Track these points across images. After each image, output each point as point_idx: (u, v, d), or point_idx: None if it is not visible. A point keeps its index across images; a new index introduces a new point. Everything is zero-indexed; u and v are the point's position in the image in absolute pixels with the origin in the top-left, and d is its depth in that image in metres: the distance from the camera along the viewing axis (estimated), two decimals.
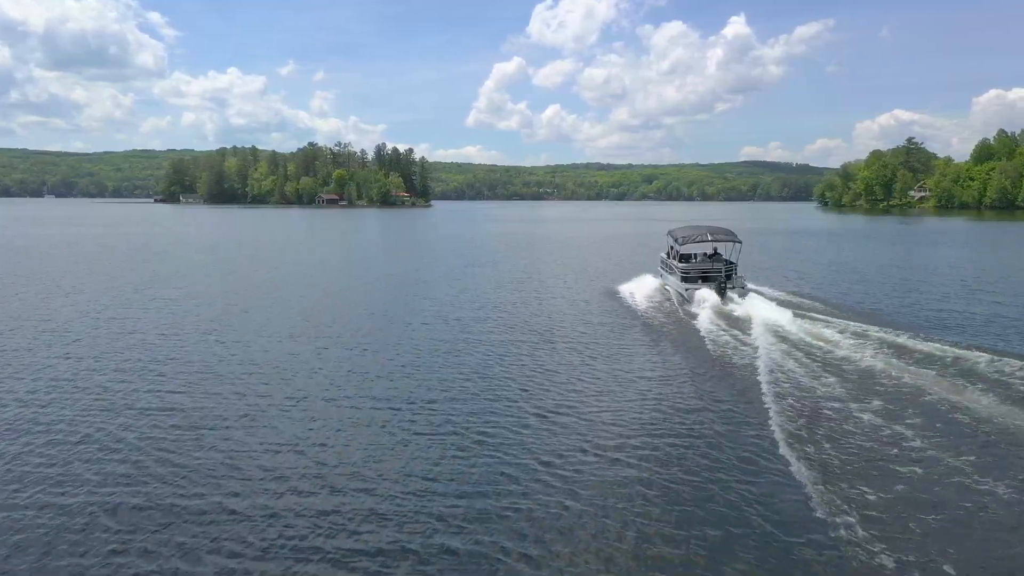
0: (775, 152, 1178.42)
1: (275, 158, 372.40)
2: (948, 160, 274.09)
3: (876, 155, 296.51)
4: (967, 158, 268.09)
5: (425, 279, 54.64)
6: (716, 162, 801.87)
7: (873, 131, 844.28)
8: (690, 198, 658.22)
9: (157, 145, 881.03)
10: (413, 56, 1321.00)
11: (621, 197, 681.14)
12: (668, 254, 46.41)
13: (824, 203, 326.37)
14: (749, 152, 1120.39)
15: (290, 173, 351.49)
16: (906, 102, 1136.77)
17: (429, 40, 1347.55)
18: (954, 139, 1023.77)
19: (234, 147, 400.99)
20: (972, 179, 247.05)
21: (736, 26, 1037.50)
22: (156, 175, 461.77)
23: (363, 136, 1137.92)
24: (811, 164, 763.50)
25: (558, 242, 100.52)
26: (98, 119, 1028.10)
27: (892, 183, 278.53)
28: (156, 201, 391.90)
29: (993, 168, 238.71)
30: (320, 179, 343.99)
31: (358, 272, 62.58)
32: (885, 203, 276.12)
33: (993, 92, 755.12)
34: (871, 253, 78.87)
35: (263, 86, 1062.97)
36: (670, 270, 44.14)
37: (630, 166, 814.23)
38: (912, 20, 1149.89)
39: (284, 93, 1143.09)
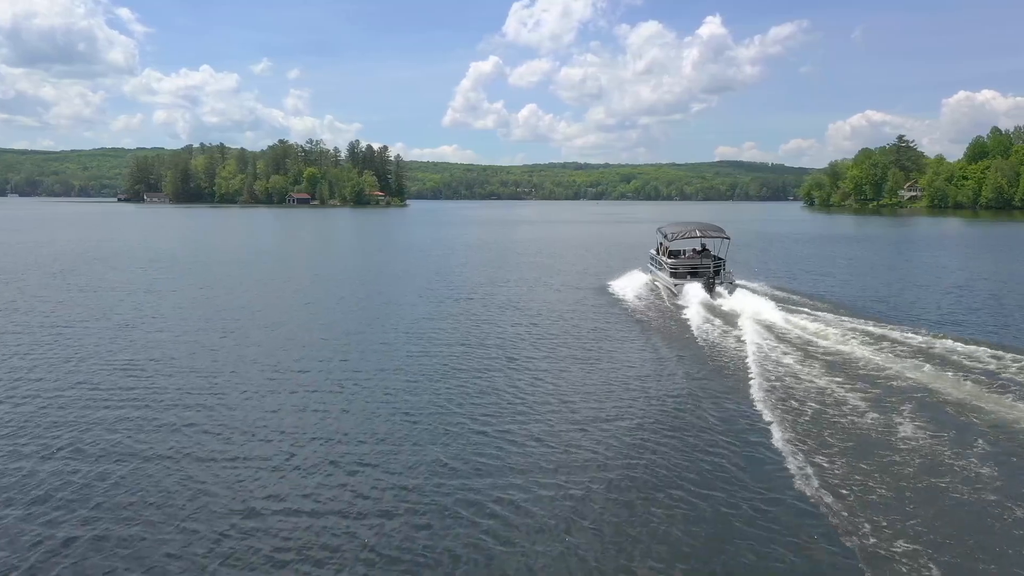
0: (749, 152, 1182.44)
1: (244, 156, 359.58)
2: (940, 159, 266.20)
3: (865, 153, 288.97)
4: (945, 158, 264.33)
5: (411, 273, 56.09)
6: (691, 162, 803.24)
7: (845, 132, 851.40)
8: (668, 198, 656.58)
9: (127, 143, 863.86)
10: (389, 55, 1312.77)
11: (599, 197, 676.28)
12: (657, 250, 46.95)
13: (811, 202, 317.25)
14: (724, 152, 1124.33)
15: (259, 171, 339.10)
16: (878, 103, 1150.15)
17: (405, 39, 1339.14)
18: (925, 139, 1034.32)
19: (201, 144, 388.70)
20: (966, 178, 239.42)
21: (712, 26, 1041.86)
22: (124, 174, 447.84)
23: (338, 135, 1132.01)
24: (785, 164, 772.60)
25: (558, 243, 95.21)
26: (67, 117, 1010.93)
27: (883, 182, 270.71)
28: (120, 200, 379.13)
29: (988, 167, 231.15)
30: (291, 177, 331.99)
31: (332, 267, 61.69)
32: (875, 203, 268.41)
33: (962, 94, 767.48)
34: (866, 253, 77.73)
35: (236, 84, 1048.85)
36: (659, 266, 44.63)
37: (607, 165, 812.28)
38: (884, 22, 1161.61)
39: (258, 91, 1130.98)
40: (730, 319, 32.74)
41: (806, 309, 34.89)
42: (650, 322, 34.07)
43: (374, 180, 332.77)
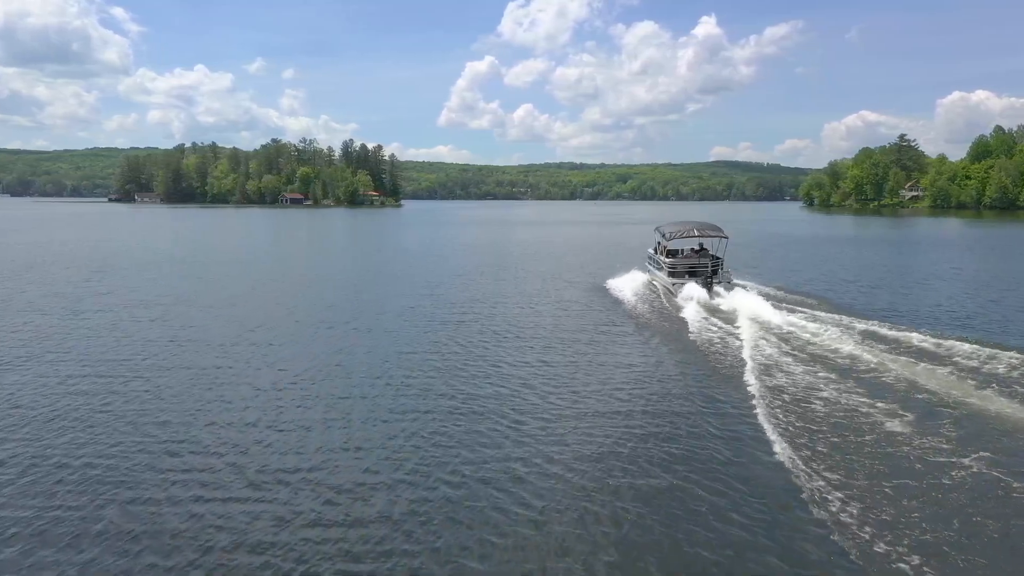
0: (745, 152, 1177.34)
1: (236, 155, 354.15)
2: (943, 158, 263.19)
3: (866, 153, 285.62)
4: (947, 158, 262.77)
5: (407, 273, 56.41)
6: (687, 162, 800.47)
7: (840, 132, 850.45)
8: (665, 197, 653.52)
9: (122, 143, 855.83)
10: (385, 55, 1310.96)
11: (595, 197, 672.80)
12: (656, 250, 46.80)
13: (810, 202, 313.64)
14: (719, 152, 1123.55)
15: (252, 171, 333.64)
16: (872, 103, 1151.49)
17: (401, 39, 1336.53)
18: (919, 140, 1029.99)
19: (193, 144, 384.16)
20: (969, 178, 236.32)
21: (707, 26, 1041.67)
22: (115, 173, 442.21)
23: (334, 135, 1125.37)
24: (781, 164, 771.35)
25: (556, 244, 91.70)
26: (61, 116, 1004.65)
27: (883, 182, 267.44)
28: (110, 200, 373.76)
29: (991, 166, 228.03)
30: (284, 177, 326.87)
31: (326, 265, 61.67)
32: (876, 203, 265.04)
33: (956, 94, 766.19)
34: (867, 253, 77.22)
35: (231, 84, 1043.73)
36: (658, 265, 44.65)
37: (603, 165, 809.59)
38: (879, 22, 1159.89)
39: (253, 91, 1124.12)
40: (728, 318, 32.84)
41: (804, 308, 35.15)
42: (648, 322, 34.14)
43: (368, 180, 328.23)
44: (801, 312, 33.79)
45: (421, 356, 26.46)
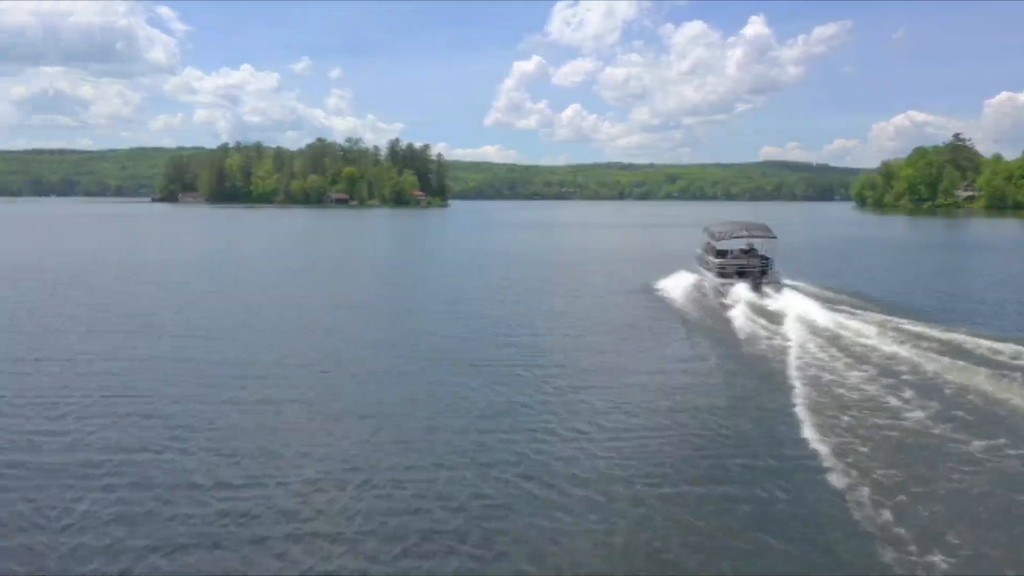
0: (794, 152, 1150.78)
1: (280, 155, 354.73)
2: (998, 157, 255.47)
3: (920, 152, 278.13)
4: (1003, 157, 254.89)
5: (455, 272, 58.45)
6: (736, 162, 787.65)
7: (888, 132, 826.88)
8: (714, 198, 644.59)
9: (167, 143, 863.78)
10: (431, 55, 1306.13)
11: (644, 197, 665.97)
12: (704, 250, 46.99)
13: (863, 203, 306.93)
14: (768, 152, 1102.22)
15: (296, 171, 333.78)
16: (920, 103, 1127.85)
17: (447, 38, 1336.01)
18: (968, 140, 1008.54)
19: (238, 143, 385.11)
20: None
21: (756, 26, 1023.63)
22: (160, 173, 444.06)
23: (380, 135, 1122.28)
24: (830, 164, 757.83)
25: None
26: (105, 116, 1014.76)
27: (938, 182, 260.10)
28: (154, 201, 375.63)
29: None
30: (329, 177, 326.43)
31: (373, 259, 67.79)
32: (930, 203, 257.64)
33: (1004, 94, 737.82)
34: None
35: (277, 83, 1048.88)
36: (706, 266, 45.00)
37: (652, 165, 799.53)
38: (926, 22, 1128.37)
39: (299, 91, 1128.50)
40: (776, 319, 32.46)
41: (855, 310, 34.15)
42: (696, 322, 34.66)
43: (415, 180, 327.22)
44: (852, 314, 32.74)
45: (464, 355, 27.23)
